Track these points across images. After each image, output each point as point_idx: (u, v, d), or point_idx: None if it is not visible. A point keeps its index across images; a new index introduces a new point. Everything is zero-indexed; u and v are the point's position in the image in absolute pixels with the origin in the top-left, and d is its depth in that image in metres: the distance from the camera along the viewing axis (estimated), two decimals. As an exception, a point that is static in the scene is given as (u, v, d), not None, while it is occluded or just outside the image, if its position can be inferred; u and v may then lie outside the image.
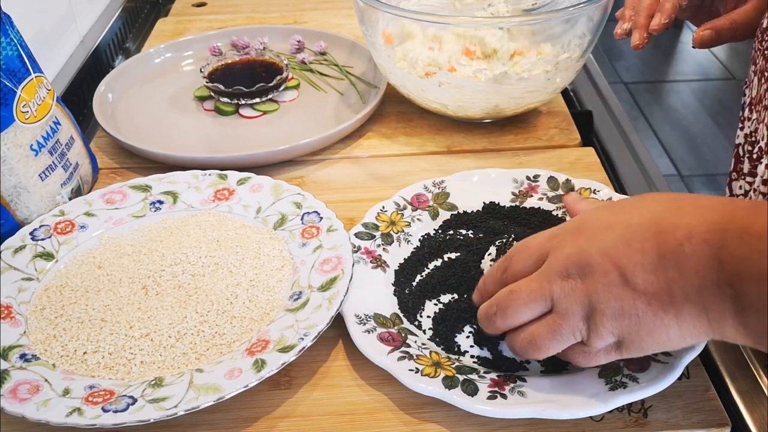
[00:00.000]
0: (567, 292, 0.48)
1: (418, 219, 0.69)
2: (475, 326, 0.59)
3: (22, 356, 0.56)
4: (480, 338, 0.58)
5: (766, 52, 0.63)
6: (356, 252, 0.64)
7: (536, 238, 0.53)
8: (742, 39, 0.69)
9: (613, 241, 0.47)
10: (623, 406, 0.53)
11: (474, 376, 0.54)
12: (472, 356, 0.57)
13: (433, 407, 0.54)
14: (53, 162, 0.70)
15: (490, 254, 0.64)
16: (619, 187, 0.81)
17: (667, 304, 0.45)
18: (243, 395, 0.52)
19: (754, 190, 0.63)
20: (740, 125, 0.68)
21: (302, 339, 0.55)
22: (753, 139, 0.64)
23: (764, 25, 0.64)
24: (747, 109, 0.66)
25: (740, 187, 0.66)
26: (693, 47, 0.70)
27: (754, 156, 0.63)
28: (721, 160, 2.51)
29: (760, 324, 0.42)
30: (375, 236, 0.66)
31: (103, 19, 1.14)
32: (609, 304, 0.47)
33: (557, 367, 0.55)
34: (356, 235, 0.66)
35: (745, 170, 0.64)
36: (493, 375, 0.54)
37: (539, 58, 0.80)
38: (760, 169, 0.62)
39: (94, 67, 1.04)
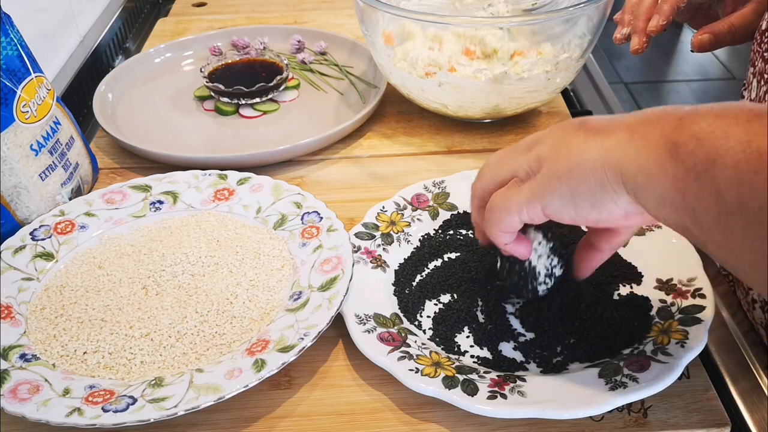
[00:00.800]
0: (525, 147, 0.50)
1: (418, 219, 0.69)
2: (474, 326, 0.59)
3: (22, 356, 0.56)
4: (480, 338, 0.58)
5: (765, 54, 0.63)
6: (356, 252, 0.64)
7: (493, 157, 0.53)
8: (740, 42, 0.69)
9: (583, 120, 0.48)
10: (623, 406, 0.53)
11: (474, 376, 0.54)
12: (472, 356, 0.57)
13: (433, 407, 0.54)
14: (53, 162, 0.70)
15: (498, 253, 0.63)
16: (619, 187, 0.81)
17: (602, 131, 0.45)
18: (243, 395, 0.52)
19: None
20: None
21: (302, 339, 0.55)
22: None
23: (763, 27, 0.64)
24: None
25: None
26: (691, 51, 0.70)
27: None
28: (721, 160, 2.51)
29: (693, 155, 0.40)
30: (375, 236, 0.66)
31: (103, 19, 1.14)
32: (555, 135, 0.47)
33: (557, 367, 0.55)
34: (356, 235, 0.66)
35: None
36: (493, 375, 0.54)
37: (539, 58, 0.80)
38: None
39: (94, 67, 1.04)
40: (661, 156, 0.41)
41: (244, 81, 0.89)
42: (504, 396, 0.52)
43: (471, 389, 0.52)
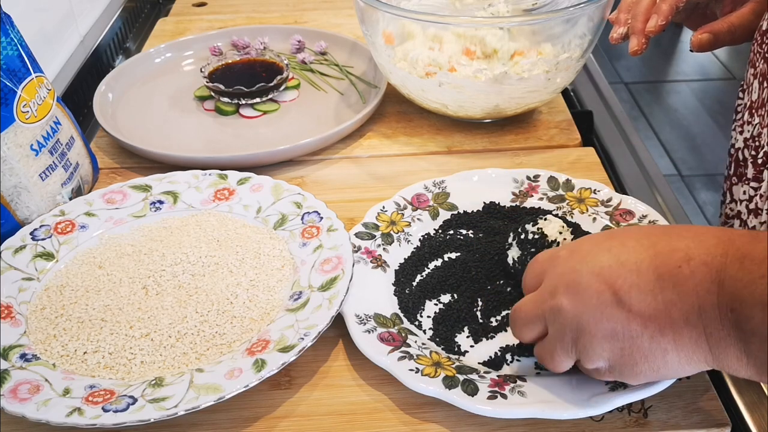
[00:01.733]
0: (555, 313, 0.47)
1: (418, 219, 0.69)
2: (474, 326, 0.59)
3: (23, 356, 0.56)
4: (480, 338, 0.58)
5: (767, 55, 0.63)
6: (356, 252, 0.64)
7: (543, 255, 0.52)
8: (740, 42, 0.69)
9: (607, 261, 0.46)
10: (623, 406, 0.53)
11: (474, 376, 0.54)
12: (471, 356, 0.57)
13: (433, 407, 0.54)
14: (53, 162, 0.70)
15: (510, 245, 0.62)
16: (619, 187, 0.81)
17: (665, 327, 0.43)
18: (243, 395, 0.52)
19: (760, 196, 0.63)
20: (738, 129, 0.67)
21: (302, 339, 0.55)
22: (756, 143, 0.63)
23: (764, 28, 0.63)
24: (746, 113, 0.66)
25: (744, 192, 0.65)
26: (690, 50, 0.69)
27: (759, 161, 0.62)
28: (721, 160, 2.50)
29: (762, 350, 0.41)
30: (375, 236, 0.66)
31: (103, 19, 1.14)
32: (599, 325, 0.45)
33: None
34: (356, 235, 0.66)
35: (749, 175, 0.64)
36: (493, 375, 0.54)
37: (539, 58, 0.80)
38: (767, 174, 0.62)
39: (95, 67, 1.04)
40: (738, 354, 0.42)
41: (245, 81, 0.89)
42: (504, 396, 0.52)
43: (471, 389, 0.52)
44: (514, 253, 0.61)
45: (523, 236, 0.60)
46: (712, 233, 0.44)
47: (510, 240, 0.62)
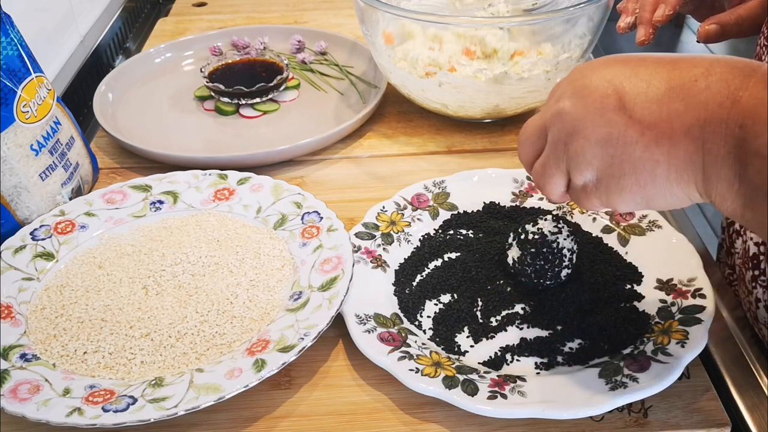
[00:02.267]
0: (556, 117, 0.45)
1: (418, 219, 0.69)
2: (474, 326, 0.59)
3: (23, 356, 0.56)
4: (480, 338, 0.58)
5: None
6: (356, 252, 0.64)
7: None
8: (747, 35, 0.68)
9: (620, 70, 0.43)
10: (623, 406, 0.53)
11: (474, 376, 0.54)
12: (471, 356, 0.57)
13: (433, 407, 0.54)
14: (53, 162, 0.70)
15: (510, 245, 0.62)
16: (620, 187, 0.81)
17: (663, 136, 0.41)
18: (243, 395, 0.52)
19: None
20: None
21: (302, 339, 0.55)
22: None
23: None
24: None
25: None
26: (697, 41, 0.68)
27: None
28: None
29: (760, 174, 0.38)
30: (375, 236, 0.66)
31: (103, 19, 1.14)
32: (596, 129, 0.43)
33: (550, 365, 0.55)
34: (356, 235, 0.66)
35: None
36: (493, 375, 0.54)
37: (539, 58, 0.80)
38: None
39: (95, 67, 1.04)
40: (731, 178, 0.40)
41: (245, 81, 0.89)
42: (504, 396, 0.52)
43: (471, 389, 0.52)
44: (514, 253, 0.61)
45: (523, 236, 0.60)
46: (747, 61, 0.41)
47: (510, 240, 0.62)
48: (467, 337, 0.58)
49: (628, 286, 0.62)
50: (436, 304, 0.61)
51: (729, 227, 0.70)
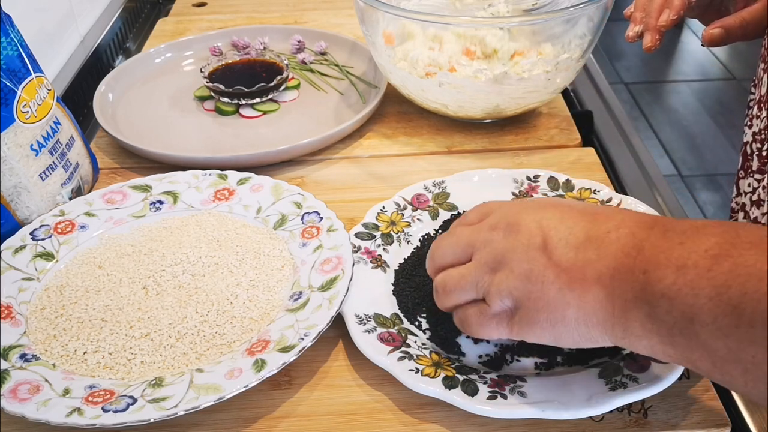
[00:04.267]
0: (487, 242, 0.49)
1: (418, 219, 0.69)
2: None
3: (22, 356, 0.56)
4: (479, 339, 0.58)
5: None
6: (356, 252, 0.64)
7: (493, 202, 0.54)
8: (751, 38, 0.69)
9: (550, 214, 0.48)
10: (623, 406, 0.53)
11: (474, 376, 0.54)
12: (476, 356, 0.57)
13: (433, 407, 0.54)
14: (53, 162, 0.70)
15: None
16: (619, 187, 0.81)
17: (575, 281, 0.45)
18: (243, 395, 0.52)
19: (763, 188, 0.63)
20: (748, 123, 0.67)
21: (302, 339, 0.55)
22: (762, 136, 0.63)
23: None
24: (755, 107, 0.66)
25: (749, 185, 0.65)
26: (702, 45, 0.69)
27: (764, 153, 0.63)
28: (721, 160, 2.51)
29: (670, 314, 0.41)
30: (375, 236, 0.66)
31: (103, 19, 1.14)
32: (521, 264, 0.47)
33: (550, 365, 0.55)
34: (356, 235, 0.66)
35: (754, 167, 0.64)
36: (493, 375, 0.54)
37: (539, 59, 0.80)
38: None
39: (95, 67, 1.04)
40: (642, 319, 0.42)
41: (245, 81, 0.89)
42: (504, 396, 0.52)
43: (471, 389, 0.52)
44: None
45: None
46: (652, 216, 0.46)
47: None
48: (467, 337, 0.58)
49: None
50: (436, 304, 0.61)
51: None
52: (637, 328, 0.43)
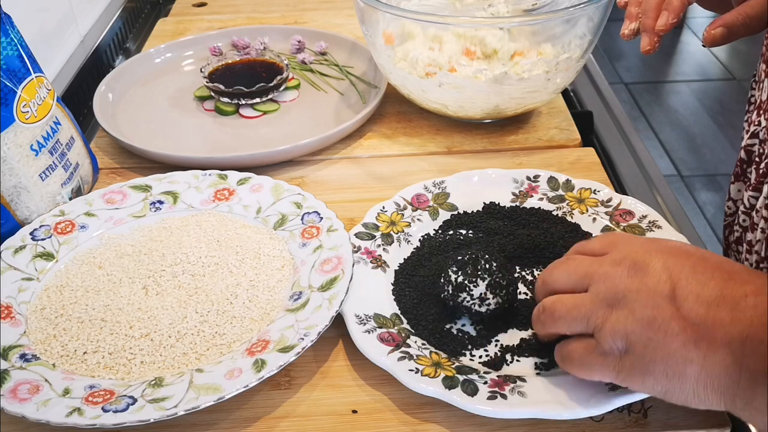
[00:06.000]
0: (607, 277, 0.46)
1: (418, 219, 0.69)
2: (475, 326, 0.59)
3: (22, 356, 0.56)
4: (480, 338, 0.58)
5: None
6: (356, 252, 0.64)
7: (621, 233, 0.51)
8: (755, 33, 0.64)
9: (681, 262, 0.45)
10: (623, 406, 0.53)
11: (474, 376, 0.54)
12: (471, 357, 0.57)
13: (433, 407, 0.54)
14: (53, 162, 0.70)
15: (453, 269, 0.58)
16: (619, 187, 0.81)
17: (703, 339, 0.42)
18: (243, 395, 0.52)
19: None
20: (745, 126, 0.66)
21: (302, 339, 0.55)
22: (761, 149, 0.62)
23: None
24: (755, 112, 0.65)
25: (738, 191, 0.65)
26: (703, 46, 0.64)
27: (761, 168, 0.62)
28: (721, 161, 2.51)
29: None
30: (375, 236, 0.66)
31: (103, 19, 1.14)
32: (644, 309, 0.44)
33: (550, 365, 0.55)
34: (356, 235, 0.66)
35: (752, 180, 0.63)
36: (493, 375, 0.54)
37: (539, 59, 0.80)
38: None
39: (95, 67, 1.04)
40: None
41: (244, 81, 0.89)
42: (504, 396, 0.52)
43: (471, 389, 0.52)
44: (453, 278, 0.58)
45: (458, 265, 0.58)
46: None
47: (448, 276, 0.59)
48: (467, 337, 0.58)
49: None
50: (436, 305, 0.61)
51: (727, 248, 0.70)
52: (761, 404, 0.41)
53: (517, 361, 0.56)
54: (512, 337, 0.58)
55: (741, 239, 0.67)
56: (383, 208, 0.69)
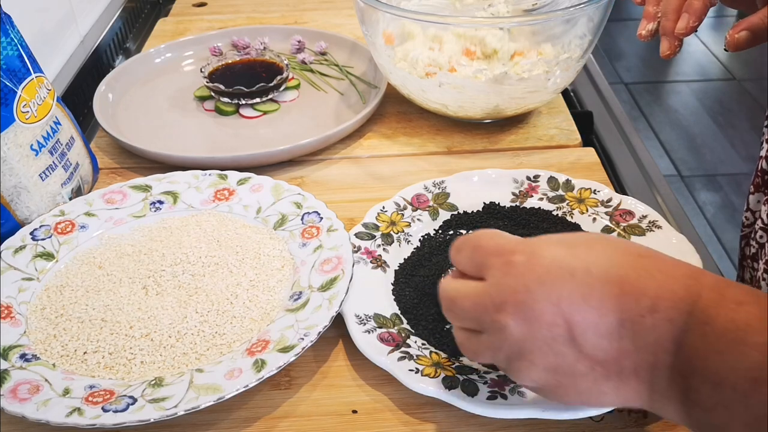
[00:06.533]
0: (498, 329, 0.43)
1: (418, 219, 0.69)
2: None
3: (22, 356, 0.56)
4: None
5: None
6: (356, 252, 0.64)
7: (489, 242, 0.46)
8: None
9: (569, 291, 0.41)
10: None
11: (474, 376, 0.54)
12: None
13: (433, 407, 0.54)
14: (53, 162, 0.70)
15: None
16: (619, 187, 0.81)
17: (612, 374, 0.42)
18: (243, 395, 0.52)
19: None
20: (766, 138, 0.65)
21: (302, 339, 0.55)
22: None
23: None
24: None
25: (757, 202, 0.64)
26: (725, 50, 0.60)
27: None
28: (721, 161, 2.51)
29: (702, 423, 0.40)
30: (375, 236, 0.66)
31: (103, 19, 1.14)
32: (545, 358, 0.42)
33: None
34: (356, 235, 0.66)
35: None
36: (493, 375, 0.54)
37: (539, 59, 0.80)
38: None
39: (95, 67, 1.04)
40: (679, 413, 0.41)
41: (245, 81, 0.89)
42: (504, 396, 0.52)
43: (471, 389, 0.52)
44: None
45: None
46: (682, 280, 0.41)
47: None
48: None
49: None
50: (436, 305, 0.61)
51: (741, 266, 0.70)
52: (673, 417, 0.42)
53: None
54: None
55: (757, 256, 0.66)
56: (383, 208, 0.69)
